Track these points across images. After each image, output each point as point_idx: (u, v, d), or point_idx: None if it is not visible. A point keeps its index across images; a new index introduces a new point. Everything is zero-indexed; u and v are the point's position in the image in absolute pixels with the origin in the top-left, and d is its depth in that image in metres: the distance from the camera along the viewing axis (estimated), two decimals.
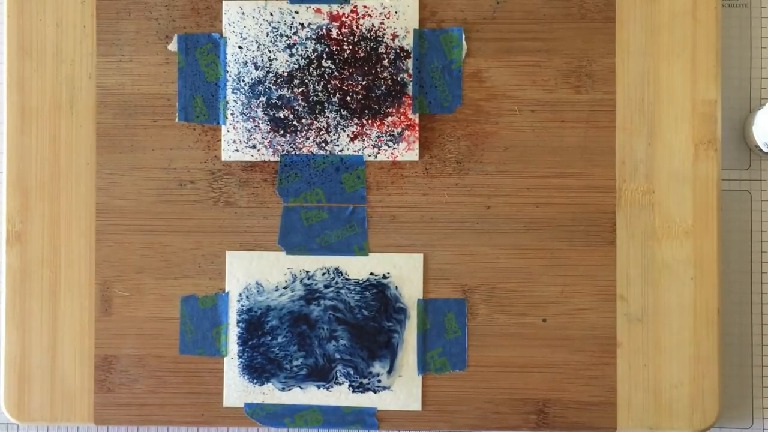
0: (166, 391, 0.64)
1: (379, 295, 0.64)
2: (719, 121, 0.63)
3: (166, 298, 0.64)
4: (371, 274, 0.64)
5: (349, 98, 0.64)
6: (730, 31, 0.66)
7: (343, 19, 0.64)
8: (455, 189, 0.64)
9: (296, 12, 0.64)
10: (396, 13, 0.64)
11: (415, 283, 0.64)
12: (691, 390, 0.62)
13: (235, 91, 0.64)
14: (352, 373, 0.64)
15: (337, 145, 0.64)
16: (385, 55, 0.64)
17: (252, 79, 0.64)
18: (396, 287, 0.64)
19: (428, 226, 0.64)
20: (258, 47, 0.64)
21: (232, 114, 0.64)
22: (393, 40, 0.64)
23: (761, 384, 0.66)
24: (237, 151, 0.64)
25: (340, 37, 0.64)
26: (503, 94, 0.64)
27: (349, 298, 0.64)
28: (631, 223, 0.63)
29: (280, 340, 0.64)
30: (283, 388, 0.64)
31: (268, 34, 0.64)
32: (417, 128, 0.64)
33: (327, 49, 0.64)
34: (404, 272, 0.64)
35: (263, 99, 0.64)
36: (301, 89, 0.64)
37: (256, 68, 0.64)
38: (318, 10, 0.64)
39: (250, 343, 0.64)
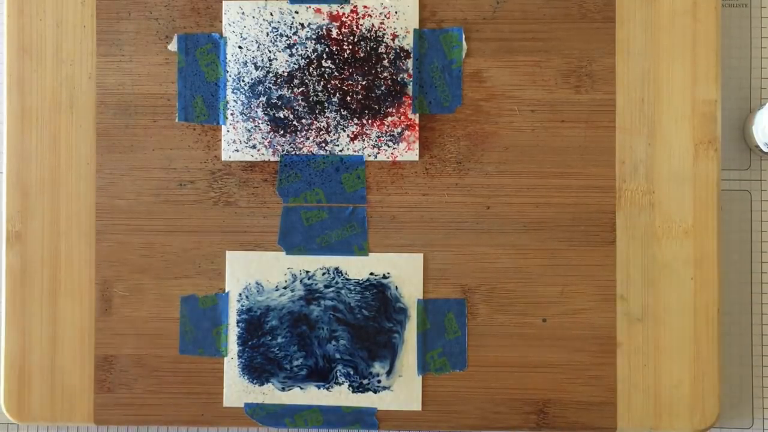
0: (166, 391, 0.64)
1: (379, 295, 0.64)
2: (719, 121, 0.63)
3: (166, 298, 0.64)
4: (371, 274, 0.64)
5: (349, 98, 0.64)
6: (730, 31, 0.66)
7: (343, 19, 0.64)
8: (455, 189, 0.64)
9: (296, 12, 0.64)
10: (396, 13, 0.64)
11: (415, 283, 0.64)
12: (691, 390, 0.62)
13: (235, 91, 0.64)
14: (352, 373, 0.64)
15: (337, 145, 0.64)
16: (385, 55, 0.64)
17: (252, 79, 0.64)
18: (396, 287, 0.64)
19: (428, 226, 0.64)
20: (258, 47, 0.64)
21: (232, 114, 0.64)
22: (393, 40, 0.64)
23: (761, 384, 0.66)
24: (237, 151, 0.64)
25: (340, 37, 0.64)
26: (503, 94, 0.64)
27: (349, 298, 0.64)
28: (631, 223, 0.63)
29: (280, 340, 0.64)
30: (283, 388, 0.64)
31: (268, 34, 0.64)
32: (417, 128, 0.64)
33: (327, 49, 0.64)
34: (404, 272, 0.64)
35: (263, 99, 0.64)
36: (301, 89, 0.64)
37: (256, 68, 0.64)
38: (318, 10, 0.64)
39: (249, 343, 0.64)
